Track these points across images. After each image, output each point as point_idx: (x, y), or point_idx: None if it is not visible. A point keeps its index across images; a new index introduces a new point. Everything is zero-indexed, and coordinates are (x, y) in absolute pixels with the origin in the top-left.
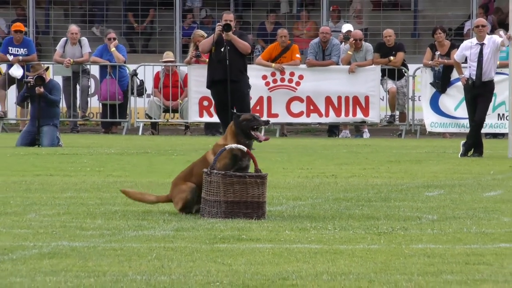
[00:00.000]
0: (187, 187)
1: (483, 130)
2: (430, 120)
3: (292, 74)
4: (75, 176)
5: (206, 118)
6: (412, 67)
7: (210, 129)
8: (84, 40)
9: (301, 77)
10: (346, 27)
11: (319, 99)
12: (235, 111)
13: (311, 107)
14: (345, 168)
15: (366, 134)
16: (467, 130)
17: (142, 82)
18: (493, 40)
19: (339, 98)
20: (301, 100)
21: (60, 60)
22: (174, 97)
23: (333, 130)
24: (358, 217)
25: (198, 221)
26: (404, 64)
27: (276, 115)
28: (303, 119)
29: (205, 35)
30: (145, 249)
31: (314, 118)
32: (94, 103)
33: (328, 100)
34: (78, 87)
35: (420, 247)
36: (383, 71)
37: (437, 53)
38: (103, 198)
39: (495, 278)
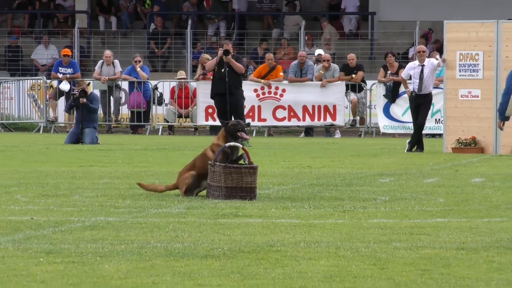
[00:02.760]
0: (189, 174)
1: (424, 131)
2: (383, 123)
3: (277, 88)
4: (110, 166)
5: (211, 122)
6: (369, 82)
7: (214, 130)
8: (116, 62)
9: (284, 90)
10: (318, 51)
11: (298, 107)
12: (233, 118)
13: (292, 114)
14: (318, 161)
15: (338, 134)
16: (412, 131)
17: (161, 94)
18: (431, 62)
19: (313, 106)
20: (284, 108)
21: (98, 77)
22: (186, 105)
23: (308, 131)
24: (328, 198)
25: (204, 202)
26: (363, 80)
27: (264, 120)
28: (285, 123)
29: (210, 58)
30: (163, 223)
31: (294, 122)
32: (124, 110)
33: (305, 108)
34: (112, 98)
35: (375, 221)
36: (347, 85)
37: (389, 72)
38: (131, 183)
39: (433, 245)
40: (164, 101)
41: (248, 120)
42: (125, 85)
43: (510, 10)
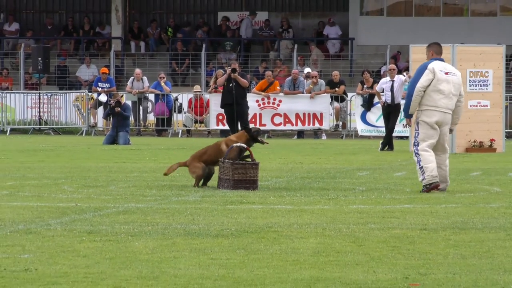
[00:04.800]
0: (201, 166)
1: (394, 134)
2: (361, 128)
3: (274, 99)
4: (139, 163)
5: (221, 127)
6: (349, 94)
7: (223, 133)
8: (145, 78)
9: (280, 101)
10: (307, 69)
11: (292, 115)
12: (239, 123)
13: (287, 120)
14: (308, 158)
15: (324, 136)
16: (384, 134)
17: (181, 104)
18: (400, 78)
19: (304, 114)
20: (280, 115)
21: (130, 91)
22: (200, 113)
23: (300, 134)
24: (316, 189)
25: (216, 191)
26: (345, 93)
27: (264, 125)
28: (281, 127)
29: (223, 72)
30: (182, 209)
31: (288, 127)
32: (151, 117)
33: (297, 115)
34: (141, 107)
35: (354, 207)
36: (331, 97)
37: (365, 86)
38: (156, 176)
39: (401, 226)
40: (183, 109)
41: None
42: (151, 97)
43: (463, 36)
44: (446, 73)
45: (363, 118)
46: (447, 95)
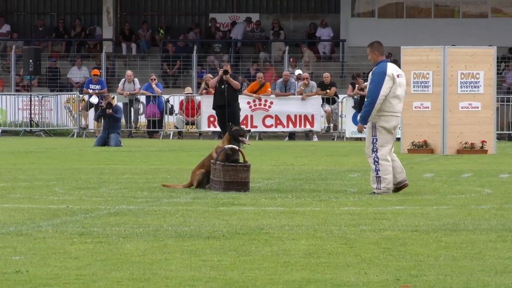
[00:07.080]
0: (200, 172)
1: None
2: (352, 129)
3: (265, 101)
4: (130, 164)
5: (212, 128)
6: (341, 96)
7: (215, 135)
8: (136, 80)
9: (271, 102)
10: (298, 71)
11: (283, 116)
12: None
13: (278, 121)
14: (299, 160)
15: (315, 138)
16: None
17: (172, 106)
18: None
19: (295, 115)
20: (271, 117)
21: (121, 93)
22: (192, 115)
23: (291, 135)
24: (307, 190)
25: (207, 193)
26: (336, 95)
27: (256, 126)
28: (273, 129)
29: (212, 76)
30: (174, 210)
31: (279, 128)
32: (142, 119)
33: (289, 117)
34: (132, 109)
35: (346, 209)
36: (323, 99)
37: (356, 86)
38: (148, 178)
39: (392, 228)
40: (174, 111)
41: (249, 128)
42: (143, 98)
43: (454, 38)
44: (398, 76)
45: (355, 119)
46: (401, 99)
